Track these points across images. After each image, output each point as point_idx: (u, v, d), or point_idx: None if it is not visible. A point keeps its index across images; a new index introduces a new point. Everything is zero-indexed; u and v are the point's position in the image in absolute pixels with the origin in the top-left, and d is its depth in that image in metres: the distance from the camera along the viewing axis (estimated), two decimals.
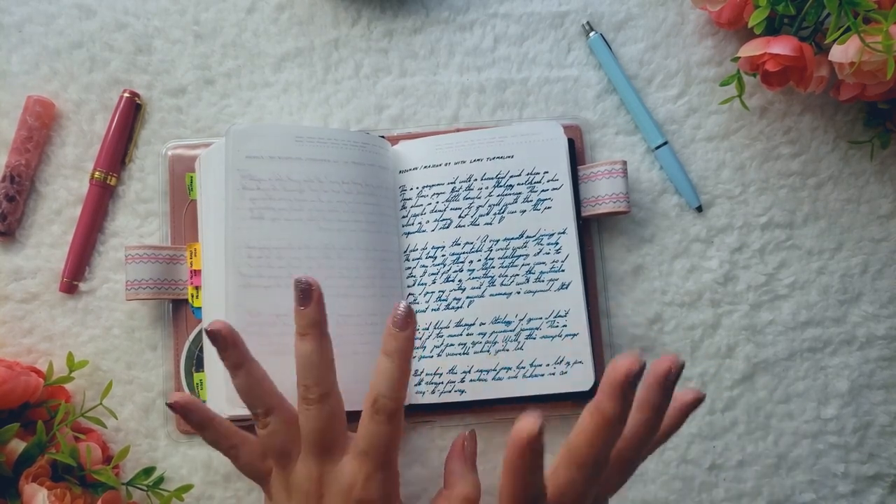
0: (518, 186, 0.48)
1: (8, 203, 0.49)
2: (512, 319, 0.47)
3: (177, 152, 0.50)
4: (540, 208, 0.48)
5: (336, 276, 0.45)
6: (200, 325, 0.48)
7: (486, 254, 0.48)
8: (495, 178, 0.49)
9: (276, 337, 0.43)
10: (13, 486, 0.42)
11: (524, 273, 0.48)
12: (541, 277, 0.48)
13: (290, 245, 0.45)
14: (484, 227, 0.48)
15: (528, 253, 0.48)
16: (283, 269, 0.44)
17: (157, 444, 0.49)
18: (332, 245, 0.45)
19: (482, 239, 0.48)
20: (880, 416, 0.51)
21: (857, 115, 0.53)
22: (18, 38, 0.51)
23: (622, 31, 0.53)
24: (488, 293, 0.48)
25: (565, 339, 0.47)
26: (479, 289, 0.48)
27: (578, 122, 0.52)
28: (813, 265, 0.52)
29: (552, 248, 0.48)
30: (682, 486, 0.50)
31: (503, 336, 0.47)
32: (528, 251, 0.48)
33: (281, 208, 0.45)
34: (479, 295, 0.48)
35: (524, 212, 0.48)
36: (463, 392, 0.47)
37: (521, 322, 0.47)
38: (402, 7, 0.53)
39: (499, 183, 0.49)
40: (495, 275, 0.48)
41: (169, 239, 0.49)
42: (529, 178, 0.48)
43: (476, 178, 0.49)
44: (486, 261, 0.48)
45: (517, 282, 0.48)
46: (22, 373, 0.44)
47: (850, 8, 0.42)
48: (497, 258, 0.48)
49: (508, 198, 0.48)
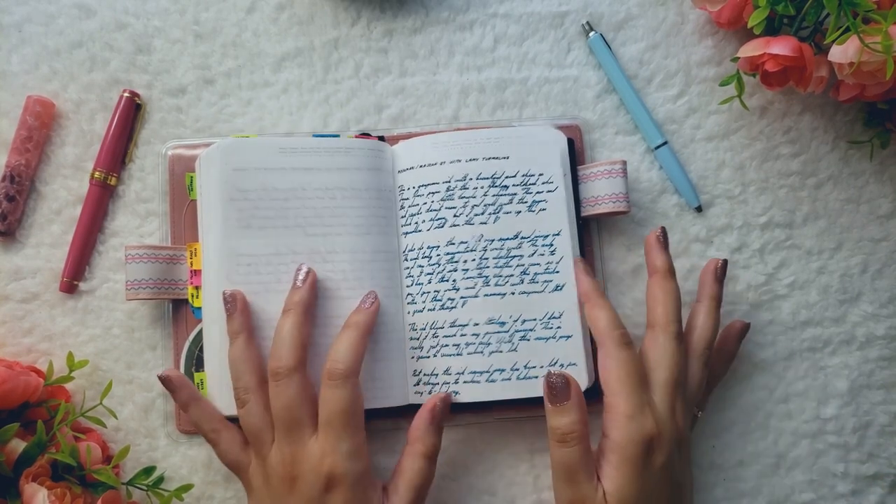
0: (513, 188, 0.48)
1: (8, 203, 0.49)
2: (506, 320, 0.47)
3: (177, 152, 0.50)
4: (535, 210, 0.48)
5: (323, 279, 0.47)
6: (200, 325, 0.48)
7: (480, 254, 0.47)
8: (490, 178, 0.48)
9: (265, 341, 0.45)
10: (13, 485, 0.42)
11: (518, 274, 0.47)
12: (535, 279, 0.47)
13: (278, 252, 0.46)
14: (479, 227, 0.48)
15: (522, 254, 0.47)
16: (272, 275, 0.46)
17: (157, 443, 0.49)
18: (318, 250, 0.47)
19: (477, 238, 0.48)
20: (880, 415, 0.51)
21: (856, 115, 0.53)
22: (18, 37, 0.51)
23: (622, 31, 0.53)
24: (482, 293, 0.47)
25: (560, 340, 0.46)
26: (473, 289, 0.47)
27: (578, 122, 0.52)
28: (812, 265, 0.52)
29: (546, 249, 0.47)
30: None
31: (497, 337, 0.47)
32: (522, 252, 0.47)
33: (267, 217, 0.47)
34: (472, 295, 0.47)
35: (519, 212, 0.48)
36: (458, 394, 0.46)
37: (515, 323, 0.47)
38: (402, 7, 0.53)
39: (494, 183, 0.48)
40: (490, 275, 0.47)
41: (169, 239, 0.49)
42: (524, 179, 0.48)
43: (471, 178, 0.48)
44: (480, 261, 0.47)
45: (511, 282, 0.47)
46: (22, 372, 0.44)
47: (850, 8, 0.42)
48: (491, 258, 0.47)
49: (503, 198, 0.48)
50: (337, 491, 0.40)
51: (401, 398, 0.47)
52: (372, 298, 0.45)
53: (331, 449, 0.41)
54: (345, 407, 0.41)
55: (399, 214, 0.49)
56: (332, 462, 0.40)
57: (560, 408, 0.40)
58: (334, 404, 0.41)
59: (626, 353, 0.42)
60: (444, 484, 0.49)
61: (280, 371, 0.42)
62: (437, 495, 0.49)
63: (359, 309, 0.45)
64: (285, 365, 0.42)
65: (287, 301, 0.44)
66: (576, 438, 0.40)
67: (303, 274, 0.45)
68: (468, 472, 0.50)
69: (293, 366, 0.42)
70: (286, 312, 0.44)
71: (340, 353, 0.42)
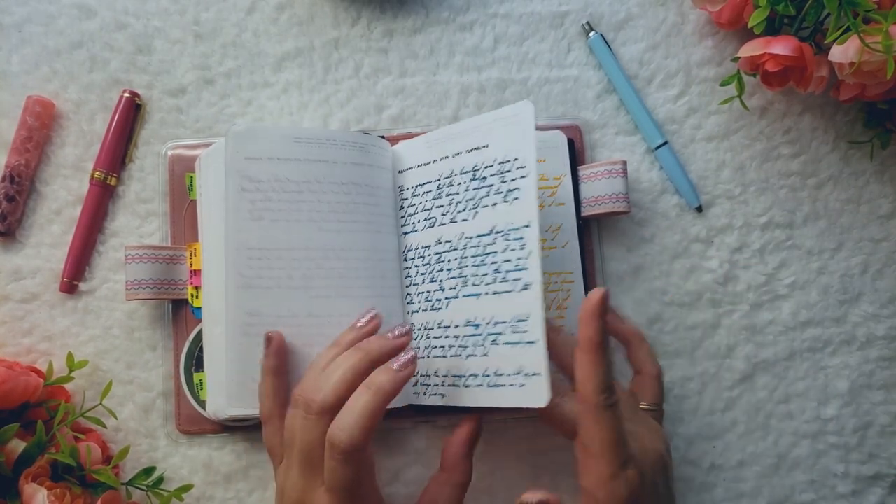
0: (490, 178, 0.45)
1: (8, 203, 0.49)
2: (480, 322, 0.44)
3: (177, 152, 0.50)
4: (509, 200, 0.44)
5: (335, 276, 0.45)
6: (200, 325, 0.48)
7: (461, 252, 0.45)
8: (472, 170, 0.46)
9: None
10: (13, 486, 0.42)
11: (492, 272, 0.44)
12: (506, 277, 0.43)
13: (290, 246, 0.45)
14: (461, 224, 0.46)
15: (496, 250, 0.44)
16: (283, 270, 0.44)
17: (157, 444, 0.49)
18: (331, 246, 0.45)
19: (459, 237, 0.46)
20: (880, 416, 0.51)
21: (857, 115, 0.53)
22: (18, 38, 0.51)
23: (622, 31, 0.53)
24: (462, 294, 0.45)
25: (525, 346, 0.42)
26: (454, 290, 0.45)
27: (578, 122, 0.52)
28: (813, 265, 0.52)
29: (517, 244, 0.43)
30: (683, 486, 0.50)
31: (472, 340, 0.44)
32: (496, 248, 0.44)
33: (280, 209, 0.45)
34: (454, 296, 0.45)
35: (496, 205, 0.44)
36: (443, 396, 0.45)
37: (489, 326, 0.43)
38: (402, 7, 0.53)
39: (475, 176, 0.45)
40: (468, 274, 0.45)
41: (169, 239, 0.49)
42: (500, 167, 0.45)
43: (456, 174, 0.46)
44: (461, 260, 0.45)
45: (486, 282, 0.44)
46: (22, 373, 0.44)
47: (850, 8, 0.42)
48: (470, 256, 0.45)
49: (482, 191, 0.45)
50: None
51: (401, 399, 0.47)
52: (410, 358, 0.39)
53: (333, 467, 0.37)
54: (346, 486, 0.37)
55: (399, 214, 0.49)
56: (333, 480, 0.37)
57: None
58: (337, 482, 0.37)
59: (611, 414, 0.37)
60: None
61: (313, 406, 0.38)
62: None
63: (387, 368, 0.39)
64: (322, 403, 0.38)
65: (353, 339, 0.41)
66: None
67: (366, 318, 0.43)
68: None
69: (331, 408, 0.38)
70: (367, 388, 0.38)
71: (349, 422, 0.36)
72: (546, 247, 0.48)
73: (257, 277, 0.44)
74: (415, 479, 0.49)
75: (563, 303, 0.49)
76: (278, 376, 0.43)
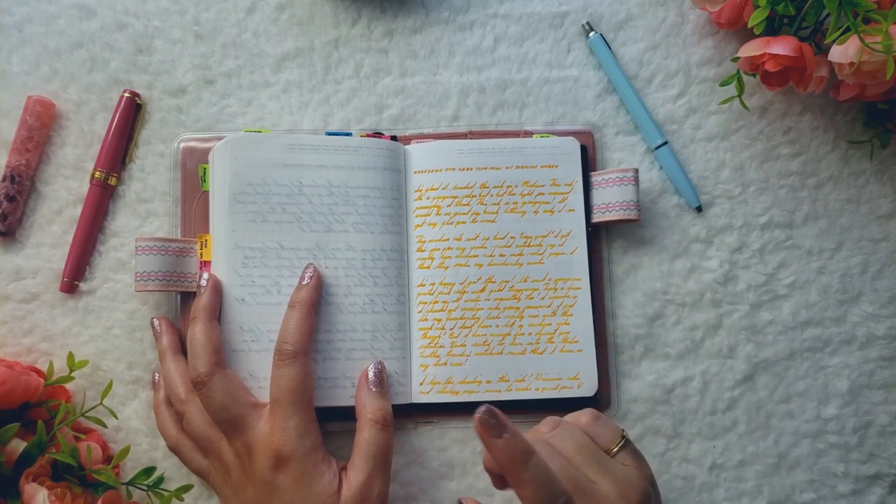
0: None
1: (8, 203, 0.49)
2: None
3: (189, 145, 0.50)
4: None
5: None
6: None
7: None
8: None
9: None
10: (13, 485, 0.42)
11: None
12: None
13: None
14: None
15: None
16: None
17: (157, 443, 0.49)
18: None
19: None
20: (880, 415, 0.51)
21: (856, 115, 0.53)
22: (18, 38, 0.51)
23: (622, 31, 0.53)
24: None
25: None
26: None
27: (590, 128, 0.52)
28: (813, 265, 0.52)
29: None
30: (683, 486, 0.50)
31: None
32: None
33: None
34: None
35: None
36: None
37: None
38: (402, 7, 0.53)
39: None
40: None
41: (179, 231, 0.49)
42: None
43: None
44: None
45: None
46: (22, 373, 0.44)
47: (850, 8, 0.42)
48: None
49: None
50: (286, 469, 0.41)
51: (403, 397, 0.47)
52: (311, 272, 0.46)
53: (279, 427, 0.41)
54: (293, 385, 0.42)
55: (413, 214, 0.49)
56: (280, 439, 0.41)
57: None
58: (284, 383, 0.42)
59: None
60: (442, 484, 0.49)
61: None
62: (436, 495, 0.49)
63: (299, 286, 0.46)
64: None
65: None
66: None
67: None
68: (466, 473, 0.50)
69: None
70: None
71: (288, 333, 0.43)
72: (554, 252, 0.49)
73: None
74: (414, 479, 0.49)
75: (568, 309, 0.49)
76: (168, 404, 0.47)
